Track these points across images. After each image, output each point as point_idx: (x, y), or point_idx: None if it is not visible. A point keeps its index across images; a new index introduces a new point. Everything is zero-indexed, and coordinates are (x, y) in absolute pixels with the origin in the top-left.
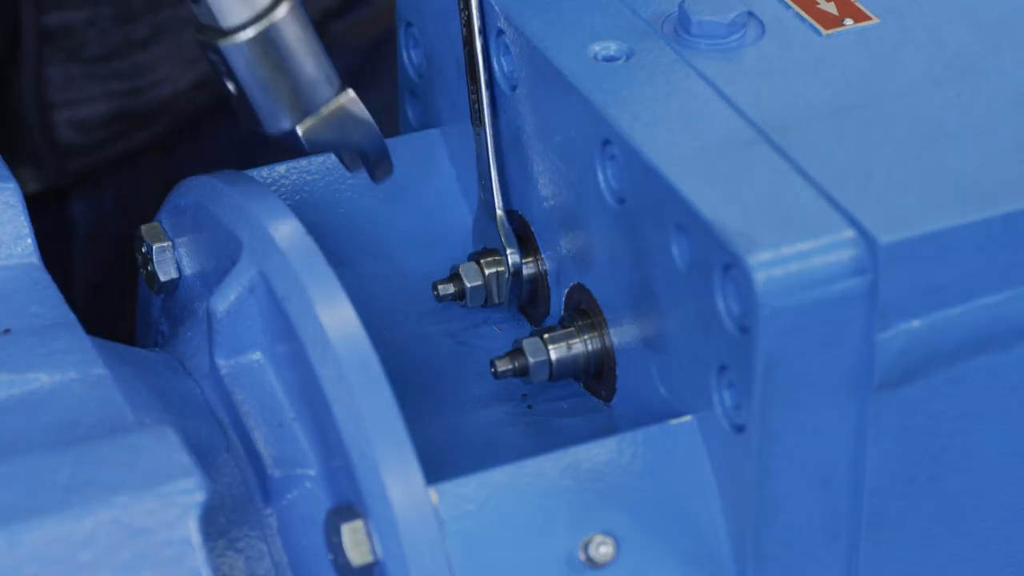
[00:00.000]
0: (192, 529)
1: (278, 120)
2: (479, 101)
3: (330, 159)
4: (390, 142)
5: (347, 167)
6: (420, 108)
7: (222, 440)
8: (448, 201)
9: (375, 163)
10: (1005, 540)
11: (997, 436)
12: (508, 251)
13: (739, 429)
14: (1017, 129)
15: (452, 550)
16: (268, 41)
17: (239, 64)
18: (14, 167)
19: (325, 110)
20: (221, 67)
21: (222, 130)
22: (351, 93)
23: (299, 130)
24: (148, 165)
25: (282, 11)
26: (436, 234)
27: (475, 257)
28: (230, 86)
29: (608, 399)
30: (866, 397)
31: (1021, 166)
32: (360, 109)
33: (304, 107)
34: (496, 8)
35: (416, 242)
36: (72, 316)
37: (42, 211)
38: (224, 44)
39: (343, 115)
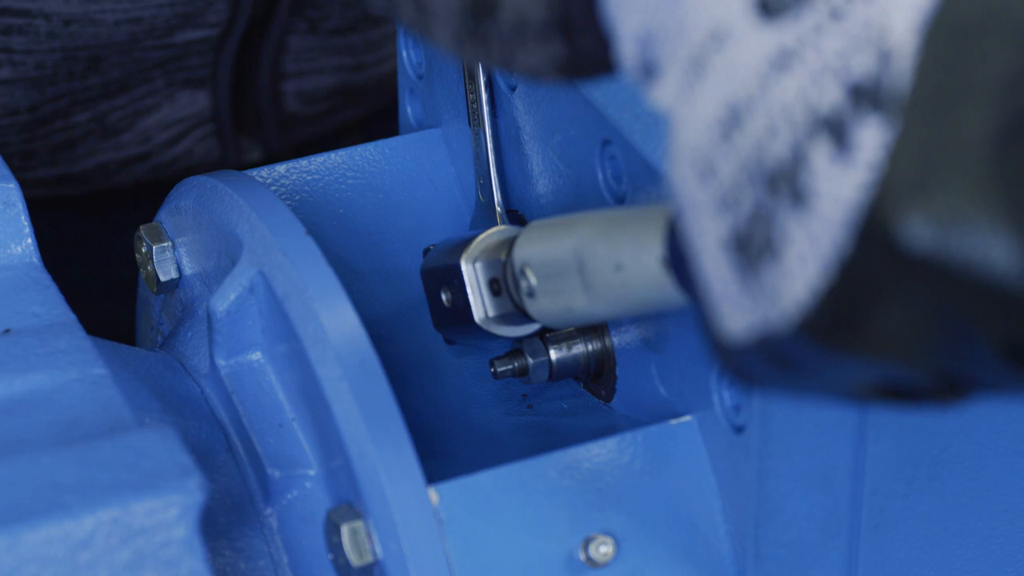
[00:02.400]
0: (192, 529)
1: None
2: (477, 101)
3: (330, 159)
4: (390, 142)
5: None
6: (420, 108)
7: (222, 440)
8: (448, 201)
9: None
10: (1005, 540)
11: (997, 436)
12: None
13: (739, 429)
14: None
15: (452, 550)
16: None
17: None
18: (242, 134)
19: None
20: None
21: None
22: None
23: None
24: (349, 141)
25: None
26: (436, 234)
27: None
28: (444, 296)
29: (608, 399)
30: None
31: None
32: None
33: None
34: None
35: (416, 242)
36: (72, 316)
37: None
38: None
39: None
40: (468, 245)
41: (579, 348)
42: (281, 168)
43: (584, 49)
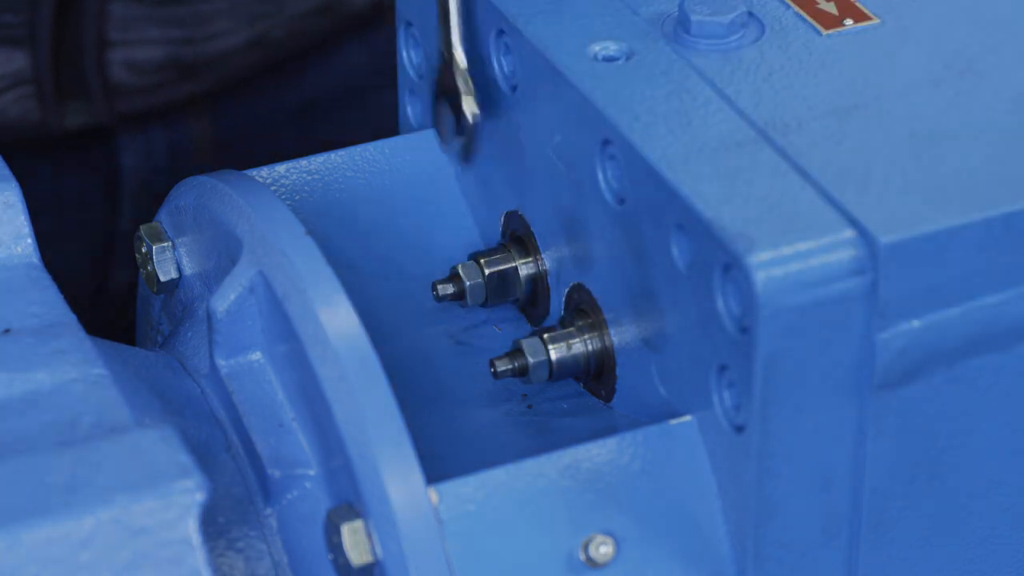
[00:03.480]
0: (192, 529)
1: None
2: None
3: (330, 159)
4: (390, 142)
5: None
6: (420, 108)
7: (222, 440)
8: (448, 201)
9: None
10: (1005, 540)
11: (997, 436)
12: (464, 100)
13: (739, 429)
14: (1017, 129)
15: (452, 550)
16: None
17: None
18: (65, 99)
19: None
20: None
21: (270, 92)
22: None
23: None
24: (194, 118)
25: None
26: (436, 234)
27: (475, 257)
28: None
29: (608, 399)
30: (866, 397)
31: (1021, 166)
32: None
33: None
34: (496, 8)
35: (416, 242)
36: (72, 316)
37: (85, 147)
38: None
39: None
40: None
41: (579, 348)
42: (281, 168)
43: None
